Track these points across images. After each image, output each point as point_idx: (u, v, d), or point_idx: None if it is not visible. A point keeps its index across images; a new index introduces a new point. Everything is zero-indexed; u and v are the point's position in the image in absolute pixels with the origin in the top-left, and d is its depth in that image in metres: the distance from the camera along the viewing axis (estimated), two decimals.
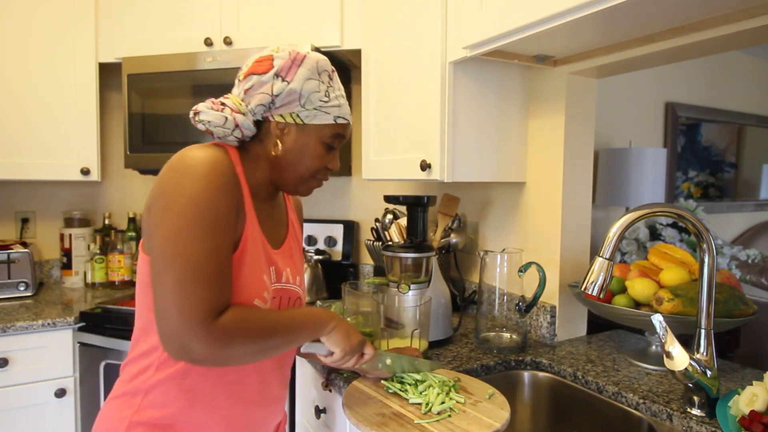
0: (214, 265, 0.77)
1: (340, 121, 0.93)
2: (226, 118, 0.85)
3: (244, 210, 0.86)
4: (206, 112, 0.85)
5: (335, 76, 0.95)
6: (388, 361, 1.06)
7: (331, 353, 0.95)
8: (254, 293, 0.86)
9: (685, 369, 0.94)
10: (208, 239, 0.77)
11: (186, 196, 0.76)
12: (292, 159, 0.91)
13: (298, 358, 1.55)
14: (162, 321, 0.74)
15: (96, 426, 0.90)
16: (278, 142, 0.90)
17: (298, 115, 0.89)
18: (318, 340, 0.94)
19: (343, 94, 0.95)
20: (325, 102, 0.90)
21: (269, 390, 0.96)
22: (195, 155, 0.80)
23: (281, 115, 0.89)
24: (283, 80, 0.87)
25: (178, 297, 0.73)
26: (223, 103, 0.87)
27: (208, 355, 0.74)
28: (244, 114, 0.87)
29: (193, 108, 0.87)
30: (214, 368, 0.87)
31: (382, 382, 1.07)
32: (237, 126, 0.87)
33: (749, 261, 1.86)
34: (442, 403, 0.97)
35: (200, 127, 0.87)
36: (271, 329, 0.82)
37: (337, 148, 0.96)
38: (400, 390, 1.03)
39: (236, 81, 0.92)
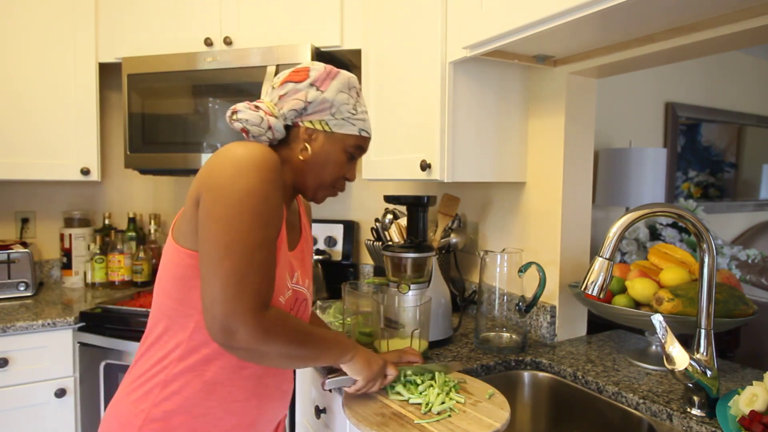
0: (268, 257, 0.79)
1: (363, 133, 0.99)
2: (262, 118, 0.90)
3: (283, 209, 0.89)
4: (244, 111, 0.90)
5: (362, 94, 1.01)
6: (409, 372, 1.07)
7: (355, 382, 0.99)
8: (279, 290, 0.89)
9: (685, 369, 0.94)
10: (263, 230, 0.79)
11: (244, 187, 0.79)
12: (316, 164, 0.96)
13: None
14: (212, 304, 0.75)
15: (107, 421, 0.90)
16: (306, 146, 0.94)
17: (327, 123, 0.94)
18: (338, 371, 0.98)
19: (367, 111, 1.01)
20: (353, 114, 0.96)
21: (282, 384, 0.98)
22: (247, 150, 0.82)
23: (311, 122, 0.94)
24: (318, 89, 0.93)
25: (235, 283, 0.75)
26: (257, 106, 0.92)
27: (249, 344, 0.76)
28: (276, 117, 0.92)
29: (231, 108, 0.92)
30: (233, 362, 0.88)
31: None
32: (270, 128, 0.91)
33: (749, 261, 1.86)
34: (442, 403, 0.97)
35: (236, 126, 0.91)
36: (305, 339, 0.85)
37: (356, 160, 1.01)
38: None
39: (269, 89, 0.98)
